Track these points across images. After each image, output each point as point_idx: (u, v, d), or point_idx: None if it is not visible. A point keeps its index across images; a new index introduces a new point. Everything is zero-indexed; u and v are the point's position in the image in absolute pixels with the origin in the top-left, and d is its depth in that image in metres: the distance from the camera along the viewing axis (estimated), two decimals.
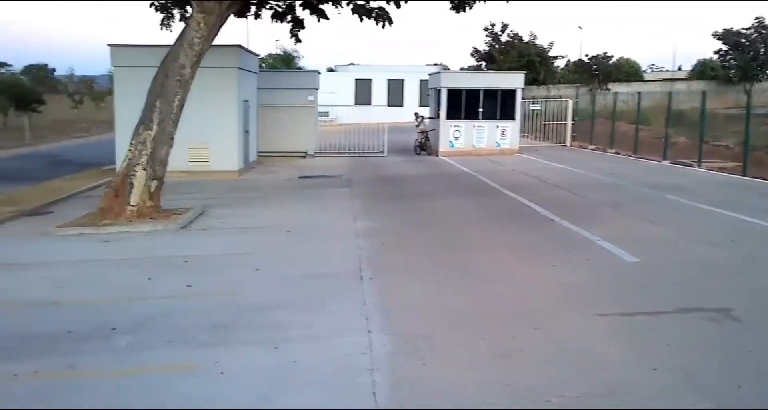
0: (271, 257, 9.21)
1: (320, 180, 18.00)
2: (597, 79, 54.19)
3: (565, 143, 28.12)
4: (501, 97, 24.18)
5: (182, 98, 12.41)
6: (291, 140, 23.64)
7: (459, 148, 24.28)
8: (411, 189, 16.13)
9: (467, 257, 9.13)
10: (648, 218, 11.94)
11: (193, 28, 12.16)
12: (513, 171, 19.25)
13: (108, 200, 12.04)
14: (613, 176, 17.77)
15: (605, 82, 54.46)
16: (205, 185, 17.06)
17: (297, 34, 16.89)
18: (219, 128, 18.47)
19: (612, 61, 57.66)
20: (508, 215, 12.42)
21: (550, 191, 15.32)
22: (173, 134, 12.46)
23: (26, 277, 8.47)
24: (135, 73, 18.11)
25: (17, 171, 22.83)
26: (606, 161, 22.04)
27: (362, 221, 11.87)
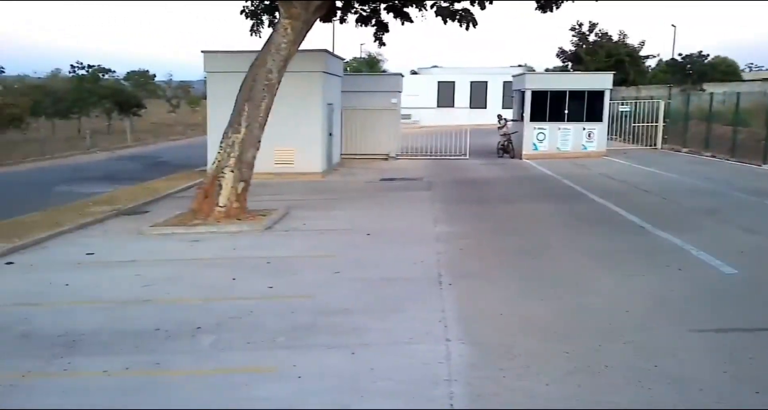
0: (351, 260, 9.26)
1: (401, 183, 18.01)
2: (691, 79, 51.73)
3: (656, 146, 26.98)
4: (588, 99, 23.48)
5: (269, 102, 12.69)
6: (374, 142, 23.78)
7: (543, 151, 23.75)
8: (492, 193, 15.89)
9: (550, 264, 8.88)
10: (746, 226, 11.27)
11: (280, 33, 12.42)
12: (599, 175, 18.64)
13: (198, 202, 12.47)
14: (709, 180, 16.90)
15: (700, 82, 51.91)
16: (289, 187, 17.42)
17: (381, 37, 16.99)
18: (304, 130, 18.79)
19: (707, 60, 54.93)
20: (594, 220, 12.01)
21: (640, 196, 14.73)
22: (260, 137, 12.76)
23: (120, 274, 8.86)
24: (227, 78, 18.66)
25: (120, 172, 24.04)
26: (700, 165, 21.01)
27: (442, 225, 11.78)
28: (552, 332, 6.30)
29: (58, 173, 24.05)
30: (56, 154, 30.21)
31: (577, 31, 50.23)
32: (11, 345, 6.24)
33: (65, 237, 11.46)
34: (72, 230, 12.03)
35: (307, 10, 12.37)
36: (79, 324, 6.77)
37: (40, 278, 8.72)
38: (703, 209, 12.84)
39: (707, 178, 17.32)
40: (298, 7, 12.17)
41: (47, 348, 6.13)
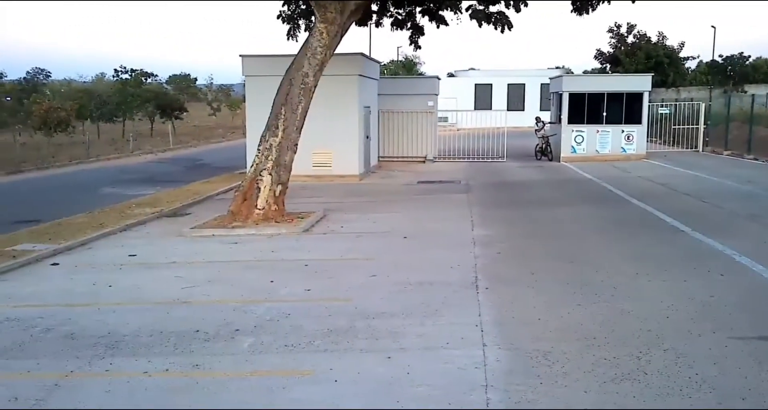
0: (388, 263, 9.30)
1: (438, 186, 18.00)
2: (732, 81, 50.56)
3: (697, 149, 26.44)
4: (626, 101, 23.15)
5: (306, 106, 12.82)
6: (411, 144, 23.84)
7: (581, 153, 23.48)
8: (529, 196, 15.77)
9: (588, 269, 8.78)
10: None
11: (316, 37, 12.54)
12: (639, 178, 18.35)
13: (237, 204, 12.66)
14: (751, 184, 16.51)
15: (741, 83, 50.74)
16: (327, 189, 17.57)
17: (416, 40, 17.04)
18: (341, 133, 18.92)
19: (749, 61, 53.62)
20: (633, 224, 11.84)
21: (680, 200, 14.46)
22: (297, 140, 12.90)
23: (162, 276, 9.05)
24: (265, 81, 18.90)
25: (162, 174, 24.57)
26: (742, 168, 20.51)
27: (479, 228, 11.74)
28: (591, 338, 6.23)
29: (103, 174, 24.68)
30: (101, 156, 31.00)
31: (615, 33, 49.54)
32: (56, 345, 6.43)
33: (109, 239, 11.75)
34: (115, 231, 12.33)
35: (342, 14, 12.47)
36: (121, 325, 6.93)
37: (85, 279, 8.96)
38: (745, 214, 12.55)
39: (749, 181, 16.92)
40: (333, 11, 12.28)
41: (90, 348, 6.30)
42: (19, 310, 7.70)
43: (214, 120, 64.46)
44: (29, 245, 10.96)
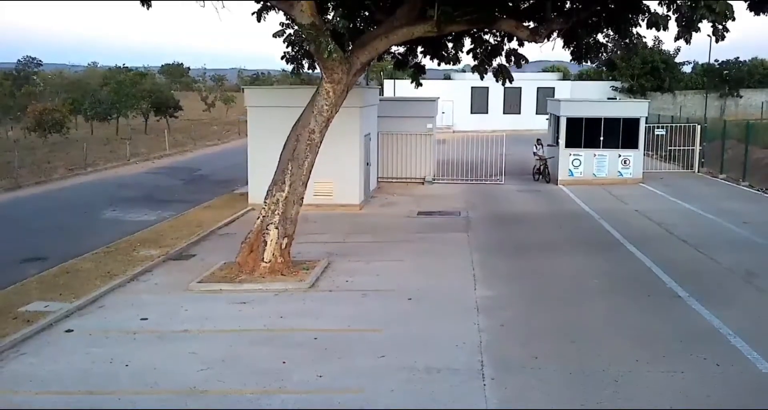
0: (395, 338, 9.60)
1: (438, 219, 18.28)
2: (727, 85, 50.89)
3: (693, 170, 26.81)
4: (623, 126, 23.48)
5: (312, 161, 13.05)
6: (410, 166, 24.09)
7: (578, 177, 23.79)
8: (529, 238, 16.02)
9: (589, 353, 9.09)
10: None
11: (323, 96, 12.72)
12: (636, 214, 18.65)
13: (244, 256, 12.91)
14: (747, 225, 16.82)
15: (737, 88, 51.08)
16: (329, 222, 17.78)
17: (418, 79, 17.22)
18: (342, 164, 19.11)
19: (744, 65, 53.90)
20: (633, 286, 12.11)
21: (677, 248, 14.77)
22: (303, 194, 13.15)
23: (176, 351, 9.30)
24: (266, 112, 19.20)
25: (161, 190, 24.69)
26: (738, 200, 20.83)
27: (481, 287, 12.05)
28: None
29: (101, 189, 24.78)
30: (98, 166, 31.03)
31: (611, 38, 49.65)
32: None
33: (119, 294, 11.98)
34: (124, 283, 12.57)
35: (348, 74, 12.65)
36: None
37: (101, 354, 9.20)
38: (741, 271, 12.87)
39: (746, 220, 17.21)
40: (340, 73, 12.45)
41: None
42: (41, 398, 7.98)
43: (208, 115, 64.44)
44: (41, 304, 11.20)
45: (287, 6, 11.85)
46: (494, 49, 14.63)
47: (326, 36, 11.90)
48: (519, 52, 14.71)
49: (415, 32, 13.09)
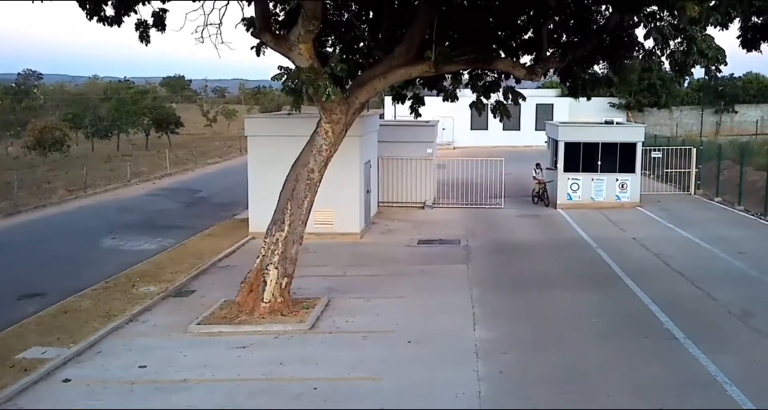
0: (394, 389, 9.64)
1: (438, 249, 18.34)
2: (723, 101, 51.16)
3: (689, 191, 26.95)
4: (620, 151, 23.63)
5: (311, 200, 13.12)
6: (410, 190, 24.20)
7: (577, 201, 23.90)
8: (529, 271, 16.02)
9: (588, 399, 9.17)
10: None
11: (322, 136, 12.82)
12: (634, 242, 18.71)
13: (243, 295, 12.97)
14: (742, 256, 16.86)
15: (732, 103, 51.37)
16: (329, 252, 17.81)
17: (417, 109, 17.32)
18: (342, 193, 19.19)
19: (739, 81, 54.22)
20: (631, 327, 12.11)
21: (674, 283, 14.78)
22: (303, 233, 13.21)
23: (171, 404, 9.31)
24: (266, 141, 19.31)
25: (162, 215, 24.75)
26: (733, 226, 20.87)
27: (480, 328, 12.10)
28: None
29: (101, 214, 24.83)
30: (98, 187, 31.10)
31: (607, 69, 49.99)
32: None
33: (117, 336, 12.02)
34: (122, 324, 12.59)
35: (347, 114, 12.75)
36: None
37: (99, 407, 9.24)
38: (737, 310, 12.89)
39: (741, 251, 17.26)
40: (338, 113, 12.55)
41: None
42: None
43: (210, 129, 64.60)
44: (39, 350, 11.22)
45: (286, 49, 11.95)
46: (492, 84, 14.74)
47: (324, 79, 12.00)
48: (516, 90, 14.81)
49: (413, 73, 13.19)
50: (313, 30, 11.61)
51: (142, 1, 12.63)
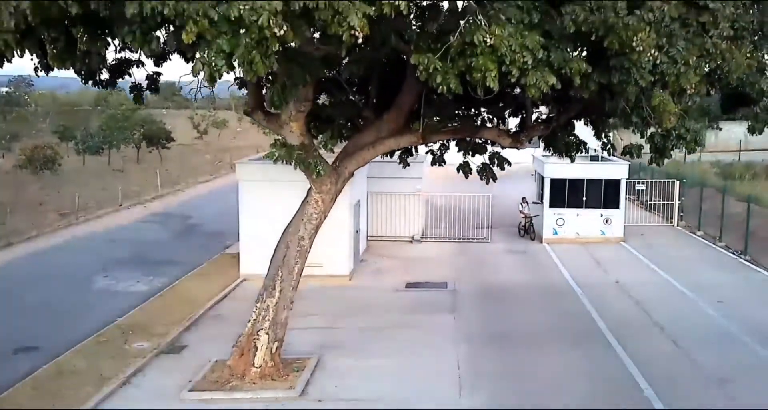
0: None
1: (426, 295, 18.68)
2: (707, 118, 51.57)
3: (672, 223, 27.53)
4: (605, 187, 24.13)
5: (301, 266, 13.44)
6: (399, 225, 24.62)
7: (562, 236, 24.37)
8: (514, 325, 16.18)
9: None
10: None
11: (312, 205, 13.14)
12: (617, 289, 19.08)
13: (235, 359, 13.28)
14: (722, 306, 17.24)
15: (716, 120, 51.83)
16: (318, 298, 18.03)
17: (405, 159, 17.67)
18: (332, 235, 19.38)
19: None
20: (612, 393, 12.44)
21: (655, 341, 15.07)
22: (293, 298, 13.53)
23: None
24: (257, 185, 19.60)
25: (154, 247, 25.00)
26: (713, 268, 21.25)
27: (466, 394, 12.47)
28: None
29: (93, 248, 25.00)
30: (90, 212, 31.23)
31: None
32: None
33: (112, 402, 12.32)
34: (116, 389, 12.85)
35: (337, 184, 13.08)
36: None
37: None
38: (715, 374, 13.29)
39: (721, 299, 17.70)
40: (328, 184, 12.87)
41: None
42: None
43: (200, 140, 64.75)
44: None
45: (277, 127, 12.26)
46: (478, 146, 15.10)
47: (315, 156, 12.32)
48: (502, 156, 15.19)
49: (401, 143, 13.55)
50: (304, 110, 11.93)
51: (137, 64, 12.88)
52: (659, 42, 8.56)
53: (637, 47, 8.00)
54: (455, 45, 8.33)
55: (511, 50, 7.98)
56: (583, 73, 8.74)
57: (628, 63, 8.53)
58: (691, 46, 8.98)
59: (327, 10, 6.55)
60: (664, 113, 9.31)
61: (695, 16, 9.24)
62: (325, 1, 6.50)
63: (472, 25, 8.28)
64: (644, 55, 8.14)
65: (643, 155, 12.68)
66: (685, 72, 8.85)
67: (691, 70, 8.93)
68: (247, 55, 6.48)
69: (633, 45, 7.98)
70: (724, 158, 42.66)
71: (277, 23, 6.35)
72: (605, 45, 8.31)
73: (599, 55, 8.66)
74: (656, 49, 8.25)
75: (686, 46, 8.91)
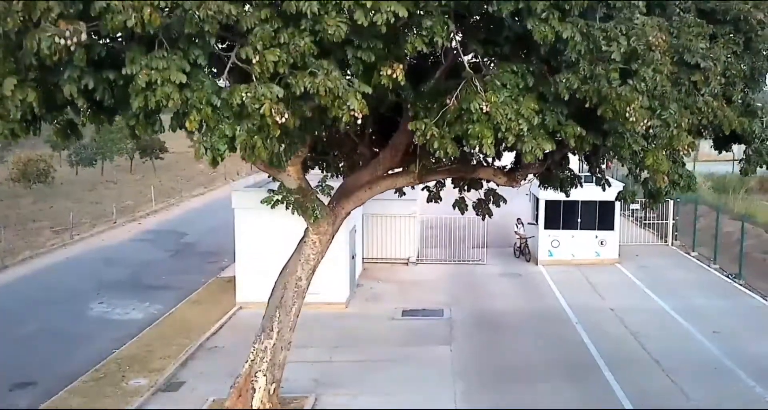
0: None
1: (423, 324, 18.74)
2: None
3: (667, 242, 27.71)
4: (599, 209, 24.22)
5: (299, 306, 13.48)
6: (394, 247, 24.70)
7: (557, 258, 24.46)
8: (511, 356, 16.27)
9: None
10: None
11: (309, 246, 13.18)
12: (612, 316, 19.16)
13: (233, 400, 13.28)
14: (717, 337, 17.35)
15: None
16: (314, 327, 17.90)
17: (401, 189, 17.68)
18: (328, 262, 19.30)
19: None
20: None
21: (649, 374, 15.13)
22: (291, 339, 13.57)
23: None
24: (253, 213, 19.60)
25: (149, 268, 25.00)
26: (709, 294, 21.31)
27: None
28: None
29: (88, 269, 24.97)
30: (83, 230, 31.21)
31: None
32: None
33: None
34: None
35: (334, 225, 13.13)
36: None
37: None
38: None
39: (715, 331, 17.81)
40: (325, 225, 12.93)
41: None
42: None
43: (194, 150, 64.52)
44: None
45: (275, 172, 12.30)
46: (474, 181, 15.15)
47: (313, 200, 12.37)
48: (498, 193, 15.27)
49: (397, 183, 13.62)
50: (301, 156, 11.97)
51: None
52: (652, 104, 8.65)
53: (630, 118, 8.09)
54: (452, 110, 8.40)
55: (507, 118, 8.06)
56: (578, 135, 8.82)
57: (621, 128, 8.64)
58: (683, 109, 9.08)
59: (327, 96, 6.64)
60: (657, 173, 9.41)
61: (687, 75, 9.34)
62: (324, 86, 6.58)
63: (469, 91, 8.35)
64: (637, 125, 8.23)
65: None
66: (678, 134, 8.96)
67: (683, 132, 9.04)
68: (249, 140, 6.55)
69: (626, 115, 8.07)
70: (718, 168, 42.61)
71: (278, 111, 6.42)
72: (599, 113, 8.39)
73: (593, 115, 8.74)
74: (649, 119, 8.34)
75: (678, 108, 9.01)
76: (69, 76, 6.32)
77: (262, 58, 6.50)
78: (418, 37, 7.48)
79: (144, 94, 6.31)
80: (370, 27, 6.69)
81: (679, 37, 9.35)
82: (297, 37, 6.64)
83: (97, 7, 5.91)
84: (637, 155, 9.35)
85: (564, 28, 7.70)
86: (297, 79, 6.68)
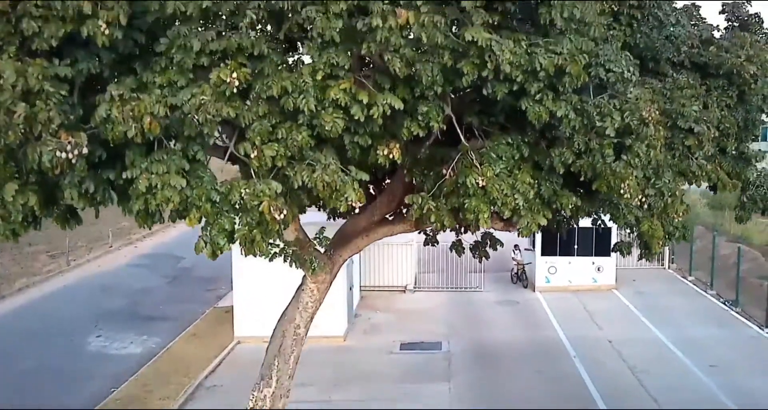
0: None
1: (421, 358, 18.79)
2: None
3: (664, 265, 27.84)
4: (596, 235, 24.29)
5: (297, 354, 13.50)
6: (392, 274, 24.77)
7: (555, 284, 24.56)
8: (510, 393, 16.29)
9: None
10: None
11: (308, 293, 13.21)
12: (610, 349, 19.26)
13: None
14: (715, 372, 17.43)
15: None
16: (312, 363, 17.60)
17: None
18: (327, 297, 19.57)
19: None
20: None
21: None
22: (290, 386, 13.60)
23: None
24: None
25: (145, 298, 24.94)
26: (705, 322, 21.40)
27: None
28: None
29: (85, 298, 24.92)
30: (80, 255, 31.15)
31: None
32: None
33: None
34: None
35: (332, 273, 13.18)
36: None
37: None
38: None
39: (712, 365, 17.87)
40: (324, 274, 12.96)
41: None
42: None
43: None
44: None
45: None
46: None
47: (311, 253, 12.40)
48: (494, 236, 15.33)
49: (394, 230, 13.63)
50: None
51: None
52: (646, 173, 8.73)
53: (625, 194, 8.18)
54: (448, 184, 8.47)
55: (503, 193, 8.13)
56: (574, 205, 8.90)
57: (616, 199, 8.72)
58: (678, 176, 9.17)
59: (325, 190, 6.72)
60: (653, 239, 9.49)
61: (681, 140, 9.43)
62: (322, 181, 6.66)
63: (465, 163, 8.43)
64: (632, 200, 8.32)
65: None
66: (672, 202, 9.04)
67: (677, 200, 9.12)
68: (248, 234, 6.63)
69: (621, 191, 8.15)
70: None
71: (277, 208, 6.50)
72: (594, 188, 8.47)
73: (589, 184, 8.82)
74: (643, 190, 8.43)
75: (673, 176, 9.10)
76: (70, 181, 6.39)
77: (260, 153, 6.59)
78: (413, 122, 7.57)
79: (144, 197, 6.38)
80: (366, 120, 6.79)
81: (672, 101, 9.44)
82: (294, 131, 6.73)
83: (98, 118, 5.99)
84: (632, 222, 9.43)
85: (558, 106, 7.78)
86: (295, 172, 6.77)
